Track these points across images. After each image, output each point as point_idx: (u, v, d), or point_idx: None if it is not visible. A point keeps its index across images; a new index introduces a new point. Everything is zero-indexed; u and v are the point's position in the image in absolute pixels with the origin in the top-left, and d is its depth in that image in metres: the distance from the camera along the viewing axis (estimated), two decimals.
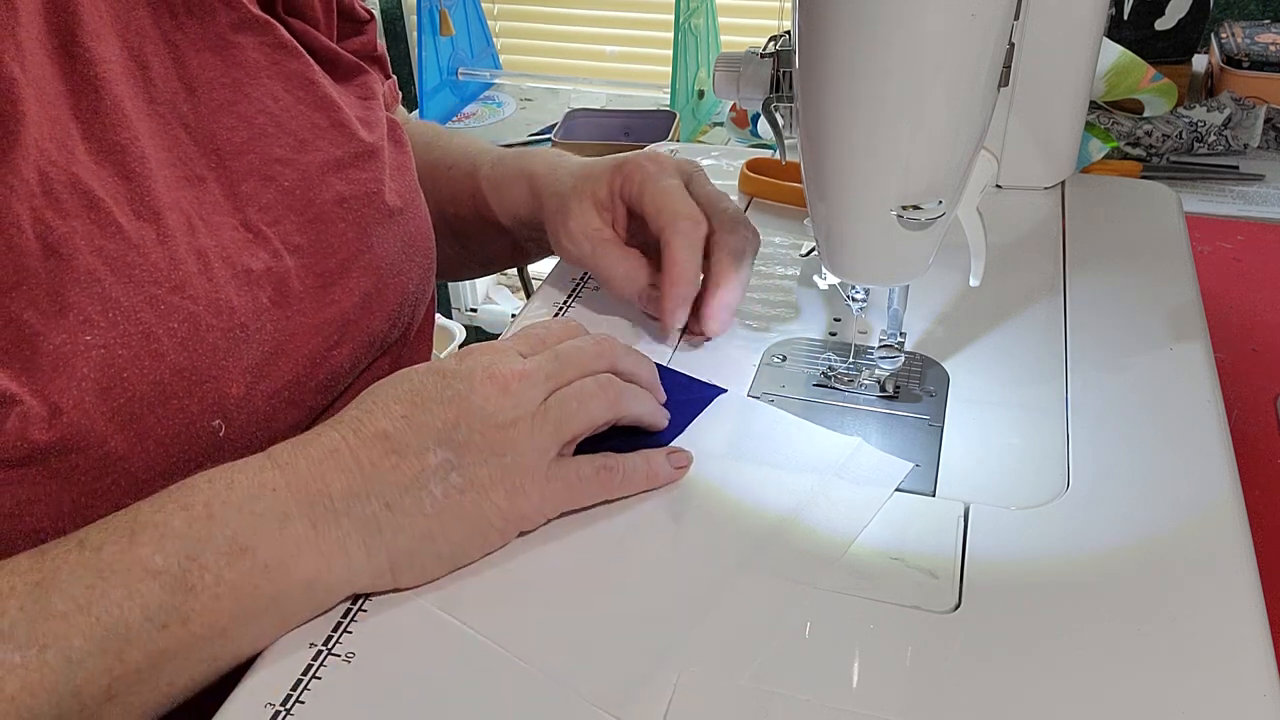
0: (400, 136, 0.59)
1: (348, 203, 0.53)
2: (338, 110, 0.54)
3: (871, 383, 0.53)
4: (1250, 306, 0.73)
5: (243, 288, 0.47)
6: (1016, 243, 0.65)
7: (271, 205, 0.50)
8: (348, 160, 0.53)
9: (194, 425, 0.44)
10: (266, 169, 0.50)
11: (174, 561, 0.37)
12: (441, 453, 0.41)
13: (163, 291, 0.44)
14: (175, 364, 0.43)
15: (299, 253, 0.50)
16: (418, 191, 0.59)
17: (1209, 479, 0.45)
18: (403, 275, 0.55)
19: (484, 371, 0.44)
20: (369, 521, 0.40)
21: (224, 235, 0.48)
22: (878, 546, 0.43)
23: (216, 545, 0.38)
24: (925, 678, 0.37)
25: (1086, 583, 0.41)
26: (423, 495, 0.41)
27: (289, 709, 0.37)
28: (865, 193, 0.45)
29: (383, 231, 0.54)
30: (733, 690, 0.37)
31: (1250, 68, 1.07)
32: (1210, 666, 0.37)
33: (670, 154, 0.60)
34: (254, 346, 0.46)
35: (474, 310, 2.04)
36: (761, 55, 0.52)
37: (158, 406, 0.43)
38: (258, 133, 0.51)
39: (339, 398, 0.53)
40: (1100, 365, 0.53)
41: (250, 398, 0.46)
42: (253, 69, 0.52)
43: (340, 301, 0.51)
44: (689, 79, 1.33)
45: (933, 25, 0.40)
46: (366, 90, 0.58)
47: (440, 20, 1.54)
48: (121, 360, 0.42)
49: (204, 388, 0.44)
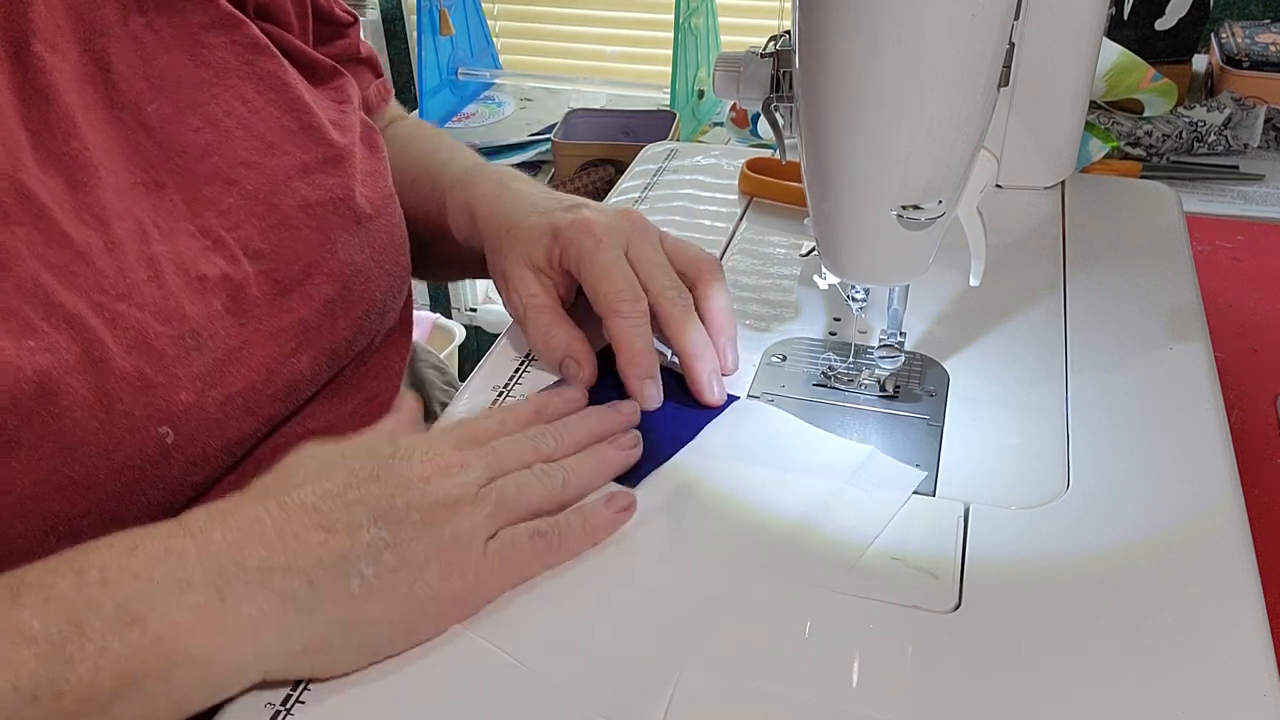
0: (375, 140, 0.58)
1: (313, 208, 0.51)
2: (309, 113, 0.54)
3: (871, 382, 0.53)
4: (1250, 306, 0.73)
5: (195, 295, 0.46)
6: (1016, 243, 0.65)
7: (233, 210, 0.49)
8: (316, 165, 0.53)
9: (139, 432, 0.43)
10: (230, 172, 0.50)
11: (54, 628, 0.34)
12: (375, 530, 0.39)
13: (108, 299, 0.43)
14: (120, 370, 0.42)
15: (258, 258, 0.49)
16: (392, 197, 0.57)
17: (1209, 479, 0.45)
18: (370, 283, 0.54)
19: (422, 455, 0.42)
20: (287, 599, 0.37)
21: (179, 242, 0.47)
22: (878, 546, 0.43)
23: (104, 612, 0.34)
24: (925, 678, 0.37)
25: (1086, 583, 0.41)
26: (350, 574, 0.38)
27: (289, 709, 0.37)
28: (865, 193, 0.45)
29: (349, 238, 0.53)
30: (733, 691, 0.37)
31: (1250, 68, 1.07)
32: (1210, 666, 0.37)
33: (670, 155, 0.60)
34: (205, 353, 0.46)
35: (474, 310, 2.04)
36: (761, 55, 0.52)
37: (100, 412, 0.42)
38: (224, 135, 0.50)
39: (303, 406, 0.52)
40: (1100, 365, 0.53)
41: (201, 404, 0.45)
42: (222, 69, 0.51)
43: (299, 308, 0.50)
44: (689, 79, 1.33)
45: (933, 25, 0.40)
46: (342, 94, 0.58)
47: (440, 20, 1.54)
48: (65, 365, 0.41)
49: (150, 394, 0.43)
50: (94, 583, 0.35)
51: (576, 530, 0.43)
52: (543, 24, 1.85)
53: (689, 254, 0.56)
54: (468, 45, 1.63)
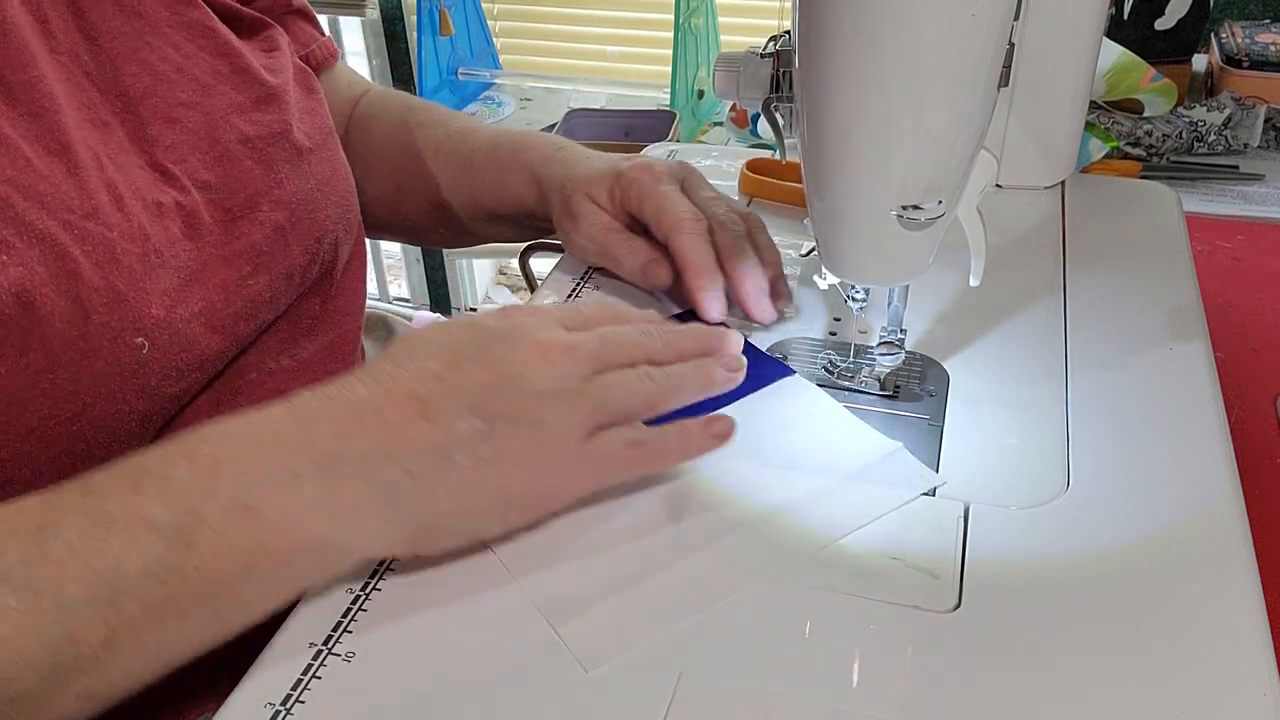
0: (311, 84, 0.61)
1: (253, 142, 0.54)
2: (239, 56, 0.56)
3: (871, 380, 0.53)
4: (1250, 306, 0.73)
5: (154, 219, 0.48)
6: (1016, 243, 0.65)
7: (177, 145, 0.51)
8: (250, 104, 0.55)
9: (117, 341, 0.45)
10: (170, 112, 0.52)
11: (175, 516, 0.36)
12: (472, 420, 0.39)
13: (75, 218, 0.44)
14: (93, 283, 0.44)
15: (206, 189, 0.51)
16: (331, 134, 0.60)
17: (1209, 479, 0.45)
18: (317, 211, 0.56)
19: (528, 335, 0.42)
20: (388, 488, 0.39)
21: (132, 173, 0.49)
22: (878, 546, 0.43)
23: (220, 502, 0.36)
24: (925, 678, 0.37)
25: (1086, 583, 0.41)
26: (447, 466, 0.39)
27: (289, 709, 0.37)
28: (865, 193, 0.45)
29: (291, 169, 0.55)
30: (733, 690, 0.37)
31: (1250, 68, 1.07)
32: (1210, 666, 0.37)
33: (670, 155, 0.61)
34: (169, 272, 0.47)
35: (474, 310, 2.04)
36: (761, 55, 0.52)
37: (79, 322, 0.43)
38: (160, 79, 0.52)
39: (268, 331, 0.55)
40: (1100, 365, 0.53)
41: (170, 320, 0.47)
42: (152, 19, 0.53)
43: (250, 234, 0.52)
44: (689, 79, 1.33)
45: (933, 25, 0.40)
46: (271, 44, 0.60)
47: (440, 20, 1.54)
48: (40, 278, 0.42)
49: (123, 306, 0.45)
50: (208, 472, 0.37)
51: (672, 446, 0.44)
52: (543, 24, 1.85)
53: (734, 211, 0.59)
54: (468, 45, 1.63)
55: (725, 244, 0.56)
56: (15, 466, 0.44)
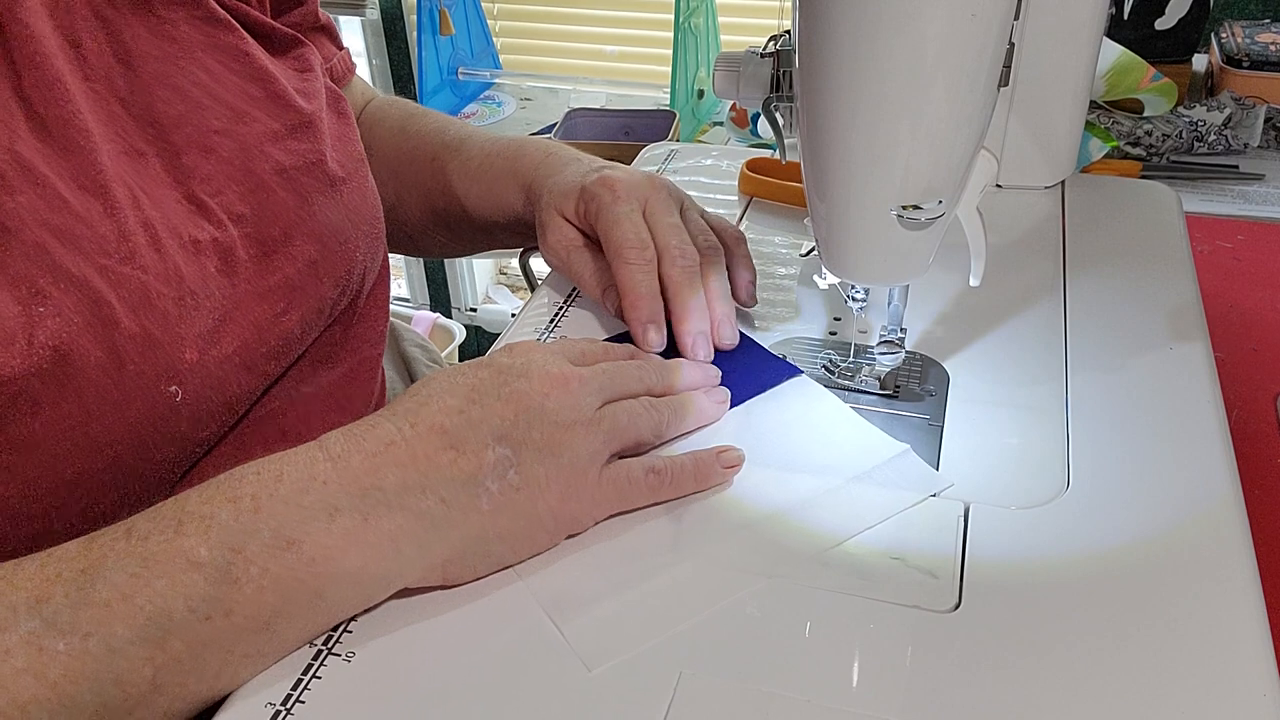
0: (343, 108, 0.60)
1: (288, 172, 0.53)
2: (273, 82, 0.55)
3: (871, 379, 0.53)
4: (1250, 306, 0.73)
5: (190, 257, 0.47)
6: (1016, 243, 0.65)
7: (212, 176, 0.50)
8: (285, 131, 0.54)
9: (150, 390, 0.44)
10: (205, 140, 0.51)
11: (219, 554, 0.37)
12: (500, 449, 0.41)
13: (112, 262, 0.44)
14: (129, 330, 0.44)
15: (241, 222, 0.50)
16: (363, 161, 0.59)
17: (1209, 479, 0.45)
18: (349, 243, 0.56)
19: (540, 369, 0.44)
20: (423, 516, 0.40)
21: (168, 208, 0.48)
22: (878, 546, 0.43)
23: (262, 538, 0.37)
24: (925, 678, 0.37)
25: (1086, 583, 0.41)
26: (479, 492, 0.41)
27: (289, 709, 0.37)
28: (865, 193, 0.45)
29: (324, 200, 0.54)
30: (733, 690, 0.37)
31: (1250, 67, 1.07)
32: (1210, 666, 0.37)
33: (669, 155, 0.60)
34: (204, 314, 0.47)
35: (474, 310, 2.04)
36: (761, 55, 0.52)
37: (114, 371, 0.43)
38: (194, 105, 0.51)
39: (295, 364, 0.54)
40: (1100, 365, 0.53)
41: (204, 363, 0.46)
42: (186, 43, 0.52)
43: (284, 268, 0.51)
44: (689, 79, 1.33)
45: (933, 25, 0.40)
46: (303, 64, 0.59)
47: (440, 20, 1.54)
48: (77, 328, 0.42)
49: (157, 353, 0.45)
50: (248, 511, 0.38)
51: (688, 473, 0.46)
52: (543, 24, 1.85)
53: (708, 224, 0.59)
54: (468, 45, 1.63)
55: (671, 277, 0.55)
56: (48, 520, 0.43)
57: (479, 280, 2.08)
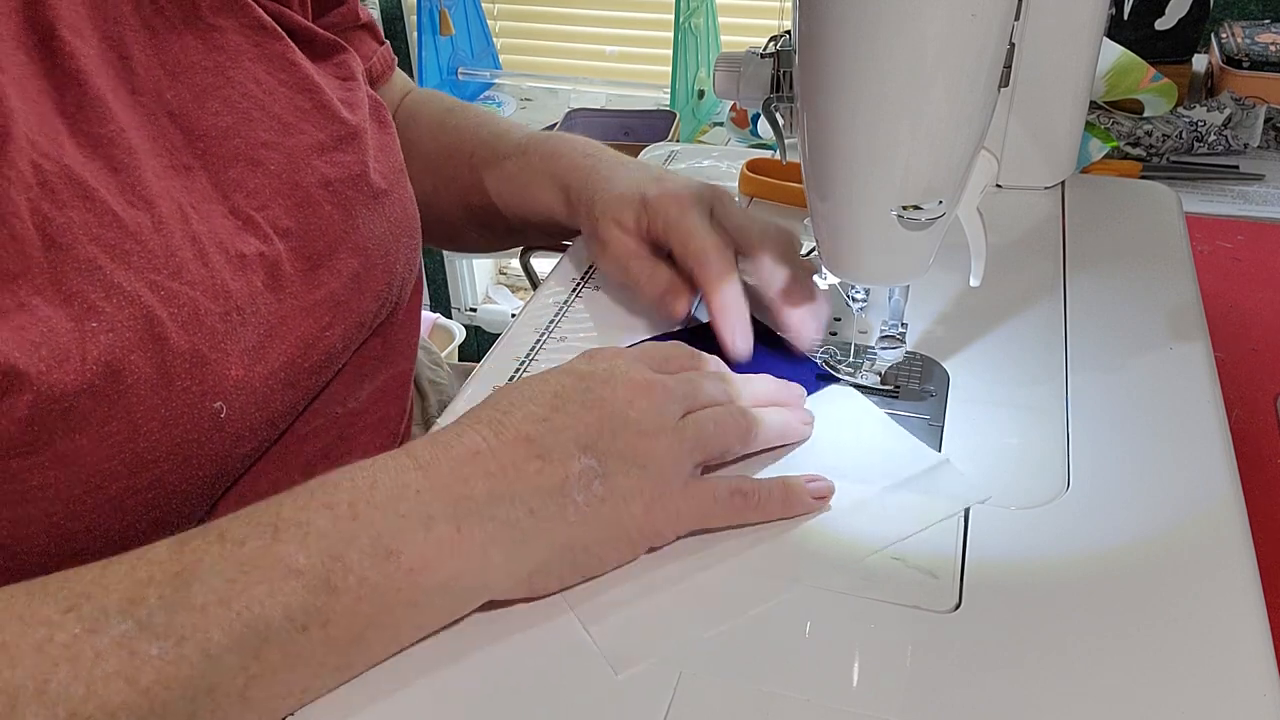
0: (384, 116, 0.59)
1: (333, 185, 0.53)
2: (320, 92, 0.54)
3: (872, 374, 0.53)
4: (1250, 306, 0.73)
5: (237, 272, 0.47)
6: (1016, 243, 0.65)
7: (258, 190, 0.50)
8: (331, 143, 0.54)
9: (196, 407, 0.44)
10: (252, 153, 0.51)
11: (318, 561, 0.36)
12: (585, 460, 0.41)
13: (162, 277, 0.44)
14: (178, 347, 0.43)
15: (287, 236, 0.50)
16: (403, 171, 0.59)
17: (1209, 479, 0.45)
18: (390, 256, 0.56)
19: (624, 375, 0.44)
20: (513, 527, 0.39)
21: (215, 222, 0.48)
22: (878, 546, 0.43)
23: (361, 546, 0.36)
24: (925, 678, 0.37)
25: (1086, 583, 0.41)
26: (566, 503, 0.40)
27: (289, 709, 0.37)
28: (865, 193, 0.45)
29: (368, 213, 0.54)
30: (733, 690, 0.37)
31: (1250, 68, 1.07)
32: (1210, 666, 0.37)
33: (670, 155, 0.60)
34: (250, 330, 0.47)
35: (474, 310, 2.04)
36: (761, 55, 0.52)
37: (162, 388, 0.43)
38: (242, 117, 0.51)
39: (334, 378, 0.54)
40: (1100, 365, 0.53)
41: (249, 379, 0.46)
42: (234, 52, 0.52)
43: (329, 283, 0.51)
44: (689, 79, 1.33)
45: (933, 25, 0.40)
46: (346, 70, 0.59)
47: (440, 20, 1.54)
48: (128, 344, 0.42)
49: (205, 370, 0.44)
50: (346, 518, 0.37)
51: (776, 499, 0.44)
52: (543, 24, 1.84)
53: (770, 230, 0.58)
54: (468, 45, 1.63)
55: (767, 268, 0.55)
56: (90, 538, 0.43)
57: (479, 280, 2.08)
